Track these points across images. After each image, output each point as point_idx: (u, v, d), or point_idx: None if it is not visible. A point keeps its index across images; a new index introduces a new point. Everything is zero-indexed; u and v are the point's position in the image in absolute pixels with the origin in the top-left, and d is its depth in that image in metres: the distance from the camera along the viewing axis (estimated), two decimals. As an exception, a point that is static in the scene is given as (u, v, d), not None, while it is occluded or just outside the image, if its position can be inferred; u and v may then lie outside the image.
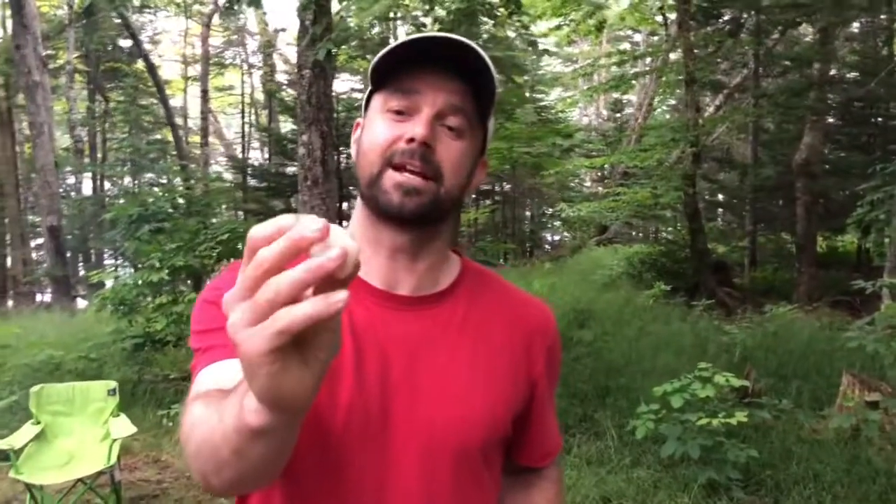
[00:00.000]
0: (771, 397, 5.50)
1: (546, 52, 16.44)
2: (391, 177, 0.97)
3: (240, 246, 7.92)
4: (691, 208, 11.55)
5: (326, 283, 0.57)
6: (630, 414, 5.04)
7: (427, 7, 6.52)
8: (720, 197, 20.42)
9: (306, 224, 0.57)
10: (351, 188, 20.91)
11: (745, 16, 13.49)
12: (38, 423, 4.24)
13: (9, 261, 20.85)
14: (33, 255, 21.57)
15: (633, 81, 15.83)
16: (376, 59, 0.98)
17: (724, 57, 14.22)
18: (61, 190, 18.96)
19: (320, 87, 7.16)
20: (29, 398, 4.32)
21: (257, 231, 0.58)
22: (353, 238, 0.85)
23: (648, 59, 18.06)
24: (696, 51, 11.86)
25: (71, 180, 22.42)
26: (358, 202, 1.07)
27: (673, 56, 13.71)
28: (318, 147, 7.20)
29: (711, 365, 4.75)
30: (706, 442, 4.31)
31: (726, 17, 13.88)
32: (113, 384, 4.59)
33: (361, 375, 0.97)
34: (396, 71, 0.98)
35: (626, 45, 24.47)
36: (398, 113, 0.98)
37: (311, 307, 0.56)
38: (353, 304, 0.92)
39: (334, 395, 0.95)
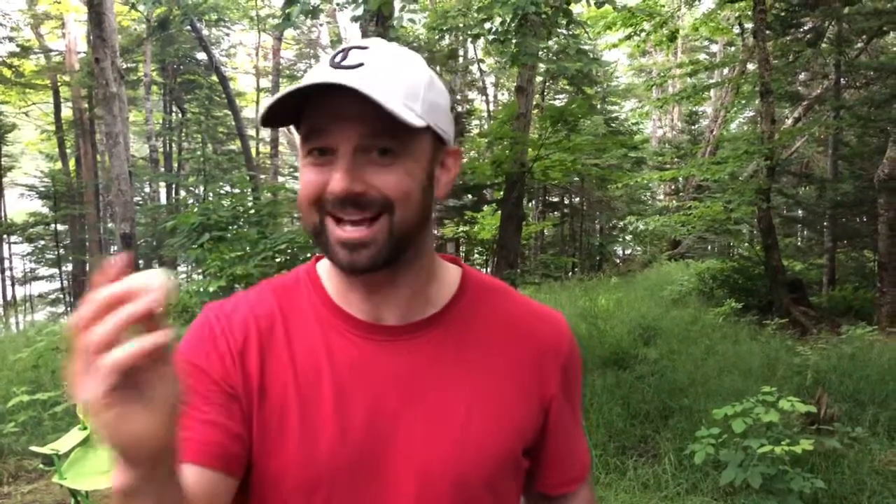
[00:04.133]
0: (844, 424, 5.19)
1: (597, 61, 16.19)
2: (333, 231, 0.88)
3: (300, 256, 7.99)
4: (765, 223, 11.14)
5: (146, 323, 0.61)
6: (690, 437, 4.82)
7: (483, 17, 6.45)
8: (798, 212, 19.74)
9: (111, 287, 0.61)
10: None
11: (825, 25, 13.01)
12: (85, 428, 4.27)
13: (87, 267, 21.64)
14: (111, 261, 22.30)
15: (708, 93, 15.46)
16: (262, 111, 0.89)
17: (802, 67, 13.76)
18: (138, 198, 19.60)
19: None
20: (77, 404, 4.36)
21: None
22: (328, 272, 0.98)
23: (725, 70, 17.65)
24: (773, 61, 11.47)
25: (147, 189, 23.14)
26: None
27: (750, 66, 13.34)
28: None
29: (777, 388, 4.50)
30: (769, 470, 4.06)
31: (806, 27, 13.44)
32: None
33: (345, 422, 0.90)
34: (305, 108, 0.88)
35: (702, 56, 23.99)
36: (320, 154, 0.87)
37: (130, 346, 0.60)
38: (335, 341, 0.91)
39: (313, 448, 0.88)
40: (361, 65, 0.86)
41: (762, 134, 10.89)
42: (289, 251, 7.64)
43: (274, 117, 0.89)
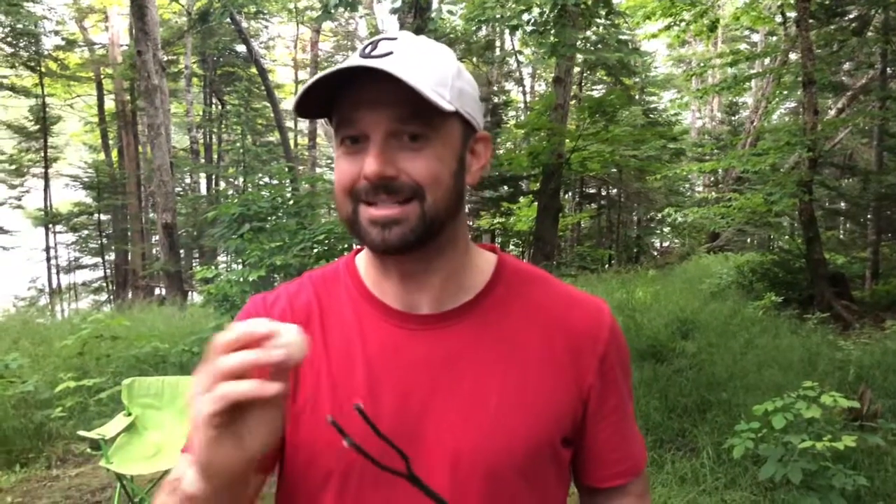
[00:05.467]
0: (887, 421, 5.10)
1: (637, 51, 16.00)
2: (365, 212, 0.90)
3: (338, 247, 8.05)
4: (807, 216, 10.95)
5: (272, 372, 0.71)
6: (729, 431, 4.77)
7: (521, 8, 6.41)
8: (841, 205, 19.37)
9: (258, 324, 0.72)
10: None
11: (871, 13, 12.72)
12: (130, 414, 4.37)
13: (129, 256, 22.01)
14: (153, 250, 22.66)
15: (748, 83, 15.21)
16: (295, 99, 0.91)
17: (847, 57, 13.47)
18: (179, 189, 19.88)
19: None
20: (122, 390, 4.46)
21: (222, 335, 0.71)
22: (365, 262, 1.02)
23: (766, 60, 17.34)
24: (816, 50, 11.25)
25: (188, 180, 23.44)
26: None
27: (792, 56, 13.09)
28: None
29: (818, 383, 4.43)
30: (809, 466, 4.01)
31: (851, 15, 13.16)
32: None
33: (377, 408, 0.92)
34: (337, 98, 0.90)
35: (743, 46, 23.60)
36: (353, 141, 0.90)
37: (247, 385, 0.69)
38: (369, 330, 0.94)
39: (347, 417, 0.89)
40: (391, 53, 0.88)
41: (804, 125, 10.70)
42: (326, 242, 7.71)
43: (307, 107, 0.91)
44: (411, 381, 0.93)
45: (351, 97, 0.89)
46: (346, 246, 8.42)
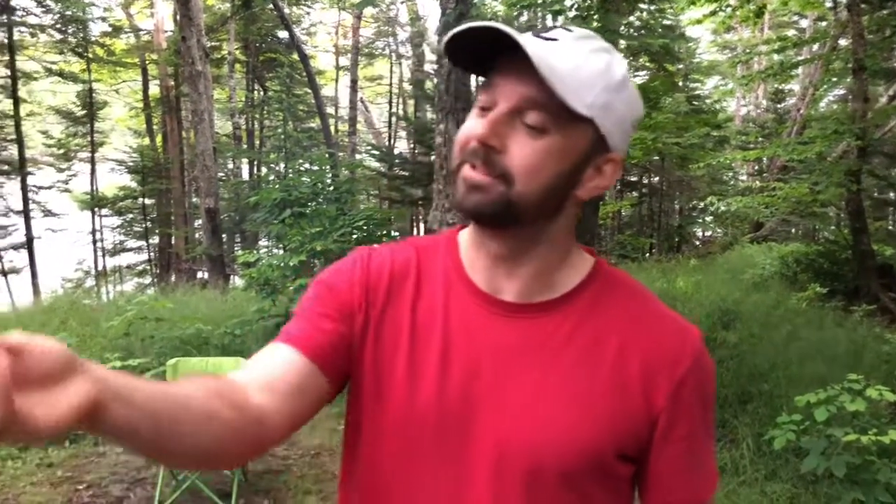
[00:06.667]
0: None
1: (682, 36, 15.73)
2: (464, 171, 0.92)
3: (377, 232, 8.10)
4: (855, 206, 10.73)
5: None
6: (770, 423, 4.71)
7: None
8: (890, 195, 18.92)
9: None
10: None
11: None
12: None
13: (172, 239, 22.36)
14: (196, 234, 22.99)
15: (795, 70, 14.89)
16: (445, 49, 0.93)
17: (900, 42, 13.09)
18: (221, 174, 20.12)
19: (458, 75, 7.13)
20: (166, 370, 4.55)
21: None
22: (466, 239, 1.04)
23: (815, 46, 16.95)
24: (868, 36, 10.96)
25: (230, 165, 23.72)
26: None
27: (842, 42, 12.79)
28: (454, 136, 7.18)
29: (864, 376, 4.35)
30: (854, 459, 3.95)
31: (905, -1, 12.77)
32: (244, 361, 4.76)
33: (445, 379, 0.95)
34: (493, 61, 0.92)
35: (790, 32, 23.10)
36: (483, 108, 0.92)
37: None
38: (454, 304, 1.03)
39: (413, 393, 0.94)
40: (555, 40, 0.90)
41: (854, 113, 10.47)
42: (366, 227, 7.78)
43: (457, 52, 0.93)
44: (479, 362, 0.95)
45: (501, 65, 0.91)
46: (384, 232, 8.47)
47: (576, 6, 6.45)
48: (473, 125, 0.91)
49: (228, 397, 0.86)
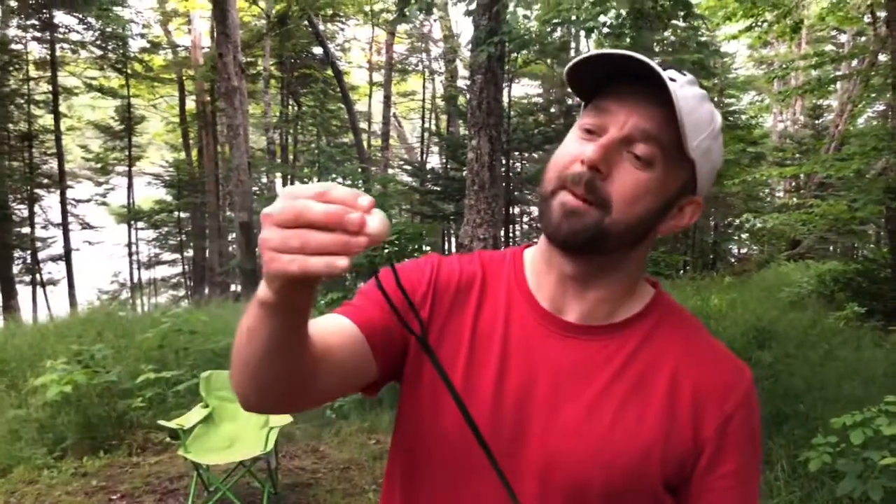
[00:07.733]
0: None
1: (717, 52, 15.60)
2: (562, 196, 0.92)
3: (408, 247, 8.12)
4: (894, 224, 10.56)
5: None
6: (805, 444, 4.62)
7: (598, 10, 6.35)
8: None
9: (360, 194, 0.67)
10: (517, 193, 20.93)
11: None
12: (207, 406, 4.50)
13: (207, 253, 22.63)
14: (229, 248, 23.22)
15: (833, 85, 14.69)
16: (566, 70, 0.95)
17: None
18: (256, 188, 20.34)
19: (490, 91, 7.17)
20: (200, 383, 4.59)
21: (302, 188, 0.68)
22: (533, 256, 1.06)
23: (853, 62, 16.73)
24: (907, 52, 10.79)
25: (264, 179, 23.97)
26: None
27: (882, 57, 12.60)
28: (486, 152, 7.23)
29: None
30: (891, 484, 3.85)
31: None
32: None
33: (501, 391, 0.96)
34: (601, 85, 0.94)
35: (828, 47, 22.85)
36: (588, 132, 0.92)
37: (319, 261, 0.65)
38: (515, 318, 1.02)
39: (469, 400, 0.93)
40: (674, 80, 0.90)
41: (894, 129, 10.32)
42: (397, 242, 7.78)
43: (584, 77, 0.94)
44: (535, 379, 0.97)
45: (618, 89, 0.92)
46: (416, 247, 8.49)
47: (609, 24, 6.44)
48: (580, 148, 0.92)
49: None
